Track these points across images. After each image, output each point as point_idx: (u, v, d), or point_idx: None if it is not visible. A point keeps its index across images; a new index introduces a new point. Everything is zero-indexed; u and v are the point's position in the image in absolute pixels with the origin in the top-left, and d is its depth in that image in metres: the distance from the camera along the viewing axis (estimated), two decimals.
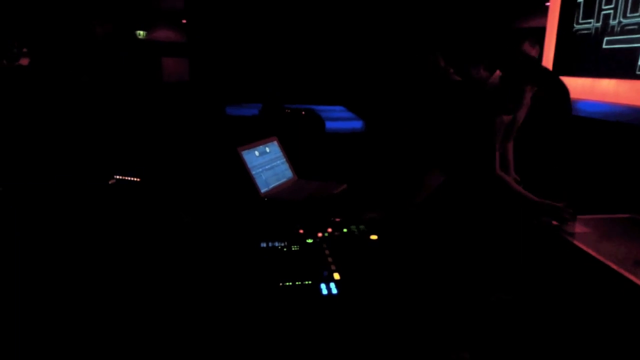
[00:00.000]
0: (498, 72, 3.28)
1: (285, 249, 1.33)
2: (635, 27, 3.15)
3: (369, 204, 1.96)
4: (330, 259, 1.27)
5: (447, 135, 3.16)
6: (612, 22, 3.25)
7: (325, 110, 5.08)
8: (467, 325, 1.16)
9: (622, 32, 3.23)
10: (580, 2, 3.61)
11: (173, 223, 1.74)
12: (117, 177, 2.16)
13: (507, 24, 4.34)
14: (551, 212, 2.29)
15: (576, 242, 2.08)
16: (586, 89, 3.46)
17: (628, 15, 3.21)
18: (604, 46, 3.39)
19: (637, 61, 3.03)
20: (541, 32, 3.97)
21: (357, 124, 4.65)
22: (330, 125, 4.18)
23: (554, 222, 2.25)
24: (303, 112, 3.80)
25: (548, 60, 3.89)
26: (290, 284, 1.15)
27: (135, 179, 2.17)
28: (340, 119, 4.70)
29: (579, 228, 2.24)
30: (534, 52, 2.75)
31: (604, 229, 2.27)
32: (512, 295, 1.86)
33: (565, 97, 2.61)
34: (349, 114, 5.28)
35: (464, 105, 3.25)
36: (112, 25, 5.10)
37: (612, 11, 3.27)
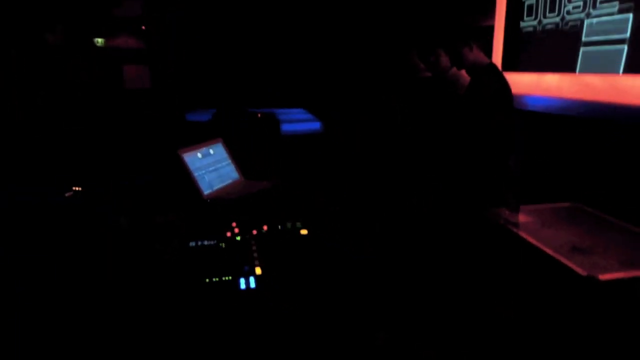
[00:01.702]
0: (455, 69, 3.35)
1: (213, 247, 1.32)
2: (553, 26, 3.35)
3: (311, 201, 1.97)
4: (255, 255, 1.27)
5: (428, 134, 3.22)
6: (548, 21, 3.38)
7: (285, 112, 5.08)
8: (382, 307, 1.18)
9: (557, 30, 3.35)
10: (524, 2, 3.73)
11: (111, 227, 1.73)
12: (75, 188, 2.12)
13: (458, 20, 4.45)
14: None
15: (518, 231, 2.14)
16: (532, 84, 3.57)
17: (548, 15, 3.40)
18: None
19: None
20: (489, 31, 4.08)
21: (315, 125, 4.68)
22: (288, 127, 4.19)
23: (501, 212, 2.31)
24: (259, 115, 3.79)
25: (497, 58, 3.99)
26: (211, 280, 1.14)
27: (77, 189, 2.14)
28: (299, 121, 4.72)
29: (522, 218, 2.31)
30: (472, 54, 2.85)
31: (545, 217, 2.34)
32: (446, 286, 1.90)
33: (506, 89, 2.70)
34: (307, 116, 5.30)
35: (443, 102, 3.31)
36: (63, 33, 4.99)
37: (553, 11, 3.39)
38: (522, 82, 3.66)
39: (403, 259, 1.69)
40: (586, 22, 3.08)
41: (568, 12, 3.28)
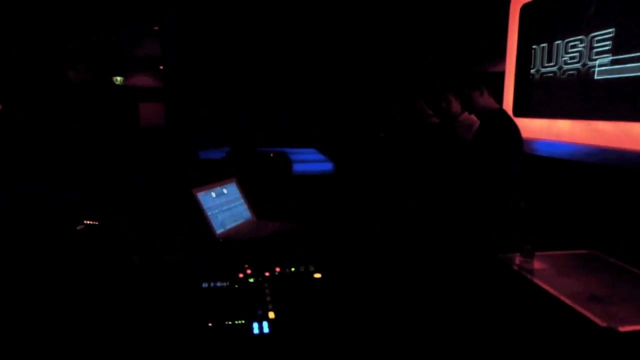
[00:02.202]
0: (466, 115, 3.40)
1: (225, 289, 1.31)
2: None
3: (322, 244, 1.96)
4: (268, 298, 1.26)
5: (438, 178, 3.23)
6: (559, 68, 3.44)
7: (296, 152, 5.13)
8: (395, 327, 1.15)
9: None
10: (535, 49, 3.80)
11: (123, 264, 1.73)
12: (86, 222, 2.14)
13: (468, 66, 4.54)
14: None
15: (533, 279, 2.10)
16: (543, 129, 3.59)
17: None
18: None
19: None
20: (500, 77, 4.15)
21: (327, 166, 4.71)
22: (300, 167, 4.22)
23: (517, 258, 2.27)
24: (271, 154, 3.83)
25: (508, 103, 4.04)
26: (223, 323, 1.12)
27: (93, 223, 2.16)
28: (310, 162, 4.76)
29: (537, 264, 2.27)
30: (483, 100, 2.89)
31: (562, 264, 2.29)
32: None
33: (516, 134, 2.71)
34: (318, 156, 5.35)
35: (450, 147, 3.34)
36: (86, 71, 5.16)
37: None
38: (533, 127, 3.69)
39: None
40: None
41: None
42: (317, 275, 1.43)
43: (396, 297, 1.52)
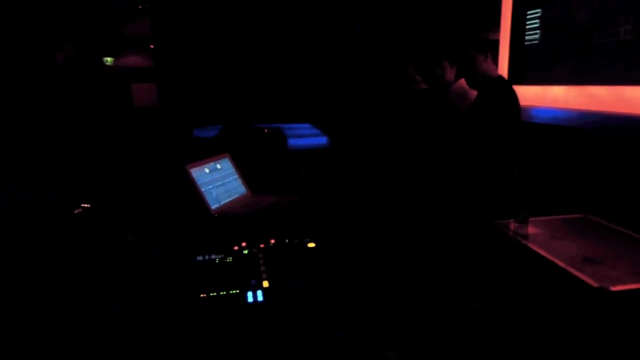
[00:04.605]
0: (462, 81, 3.36)
1: (219, 261, 1.32)
2: None
3: (321, 217, 1.97)
4: (263, 268, 1.27)
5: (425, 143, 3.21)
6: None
7: (292, 128, 5.11)
8: (394, 325, 1.17)
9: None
10: (529, 15, 3.76)
11: (118, 242, 1.74)
12: (84, 205, 2.13)
13: (464, 33, 4.48)
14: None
15: (528, 244, 2.12)
16: (538, 96, 3.57)
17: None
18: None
19: None
20: (495, 45, 4.11)
21: (322, 140, 4.70)
22: (295, 142, 4.21)
23: (512, 224, 2.29)
24: (266, 130, 3.82)
25: (503, 71, 4.01)
26: (215, 294, 1.14)
27: (86, 205, 2.15)
28: (305, 136, 4.74)
29: (531, 229, 2.28)
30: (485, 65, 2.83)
31: (555, 229, 2.31)
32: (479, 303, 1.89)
33: (516, 104, 2.69)
34: (314, 131, 5.34)
35: (436, 114, 3.31)
36: (73, 51, 5.07)
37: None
38: (528, 94, 3.67)
39: (403, 259, 1.68)
40: None
41: None
42: (311, 245, 1.44)
43: (391, 265, 1.54)
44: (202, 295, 1.13)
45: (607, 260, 1.93)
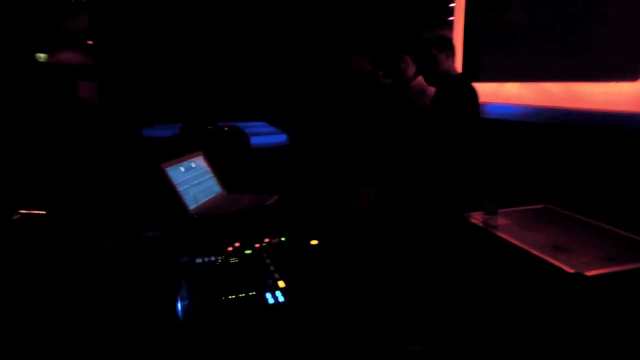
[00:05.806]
0: (421, 78, 3.43)
1: (222, 263, 1.26)
2: None
3: (304, 213, 1.94)
4: (272, 268, 1.23)
5: (385, 138, 3.24)
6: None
7: (247, 126, 5.02)
8: (418, 318, 1.17)
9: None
10: (482, 13, 3.90)
11: (91, 250, 1.62)
12: (22, 211, 1.96)
13: (418, 31, 4.59)
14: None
15: (499, 234, 2.19)
16: (493, 93, 3.73)
17: None
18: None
19: None
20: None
21: (282, 138, 4.65)
22: (255, 140, 4.13)
23: (480, 216, 2.36)
24: (226, 129, 3.71)
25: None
26: (234, 296, 1.08)
27: (39, 212, 1.99)
28: (264, 134, 4.68)
29: (500, 221, 2.37)
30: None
31: (521, 219, 2.41)
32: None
33: (476, 102, 2.78)
34: (271, 129, 5.28)
35: (399, 107, 3.35)
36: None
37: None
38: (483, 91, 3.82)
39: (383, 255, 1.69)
40: None
41: None
42: (314, 242, 1.41)
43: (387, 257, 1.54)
44: (222, 299, 1.06)
45: (574, 247, 2.03)
